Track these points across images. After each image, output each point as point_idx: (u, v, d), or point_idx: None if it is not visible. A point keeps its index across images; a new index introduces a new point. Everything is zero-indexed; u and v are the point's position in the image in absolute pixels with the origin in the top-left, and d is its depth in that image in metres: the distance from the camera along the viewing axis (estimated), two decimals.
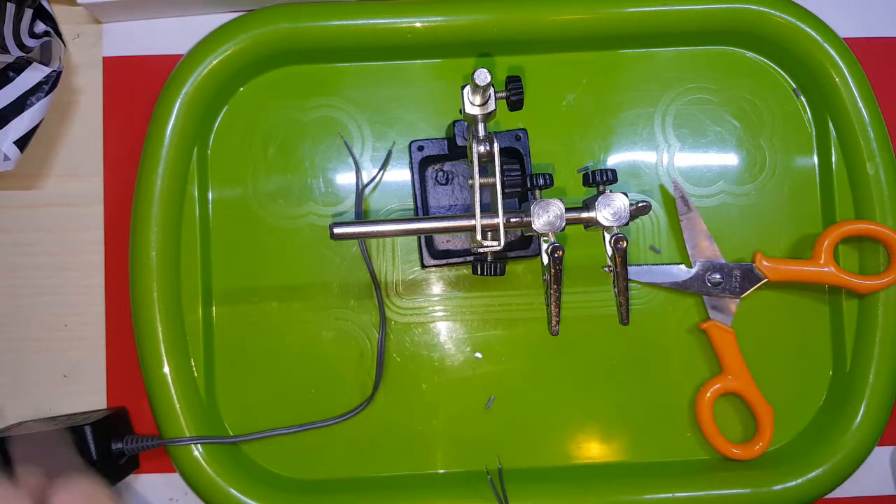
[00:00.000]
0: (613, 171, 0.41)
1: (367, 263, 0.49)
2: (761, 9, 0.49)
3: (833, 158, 0.50)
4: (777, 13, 0.49)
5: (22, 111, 0.46)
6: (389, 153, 0.50)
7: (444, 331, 0.50)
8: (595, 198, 0.41)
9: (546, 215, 0.40)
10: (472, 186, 0.41)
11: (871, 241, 0.49)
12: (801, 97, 0.51)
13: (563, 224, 0.40)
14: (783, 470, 0.48)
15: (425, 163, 0.49)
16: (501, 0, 0.49)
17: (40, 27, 0.48)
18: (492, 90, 0.40)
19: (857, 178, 0.49)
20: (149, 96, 0.49)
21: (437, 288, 0.50)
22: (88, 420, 0.46)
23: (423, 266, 0.49)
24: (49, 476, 0.36)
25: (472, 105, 0.41)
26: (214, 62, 0.48)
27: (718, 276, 0.48)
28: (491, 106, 0.41)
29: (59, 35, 0.49)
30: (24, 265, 0.50)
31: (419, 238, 0.49)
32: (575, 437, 0.49)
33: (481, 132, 0.41)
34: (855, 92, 0.49)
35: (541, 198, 0.41)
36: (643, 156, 0.51)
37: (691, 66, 0.51)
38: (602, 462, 0.49)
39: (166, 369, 0.47)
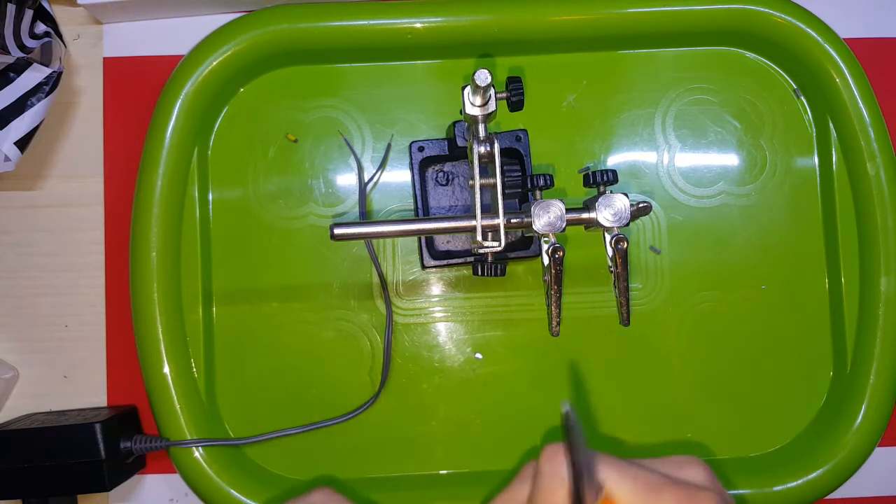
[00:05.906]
0: (614, 172, 0.41)
1: (375, 263, 0.49)
2: (761, 9, 0.49)
3: (833, 159, 0.50)
4: (777, 13, 0.49)
5: (22, 112, 0.46)
6: (388, 147, 0.50)
7: (445, 331, 0.50)
8: (596, 198, 0.41)
9: (546, 216, 0.40)
10: (472, 187, 0.41)
11: (871, 242, 0.49)
12: (802, 97, 0.51)
13: (564, 225, 0.40)
14: (783, 470, 0.48)
15: (426, 163, 0.49)
16: (501, 0, 0.49)
17: (41, 28, 0.48)
18: (492, 91, 0.40)
19: (858, 179, 0.49)
20: (149, 97, 0.49)
21: (437, 288, 0.50)
22: (98, 417, 0.46)
23: (424, 267, 0.49)
24: None
25: (473, 106, 0.41)
26: (215, 63, 0.48)
27: None
28: (491, 106, 0.41)
29: (60, 36, 0.49)
30: (25, 266, 0.50)
31: (419, 239, 0.49)
32: None
33: (482, 133, 0.41)
34: (855, 92, 0.49)
35: (541, 198, 0.41)
36: (643, 156, 0.51)
37: (692, 67, 0.51)
38: None
39: (167, 370, 0.47)
